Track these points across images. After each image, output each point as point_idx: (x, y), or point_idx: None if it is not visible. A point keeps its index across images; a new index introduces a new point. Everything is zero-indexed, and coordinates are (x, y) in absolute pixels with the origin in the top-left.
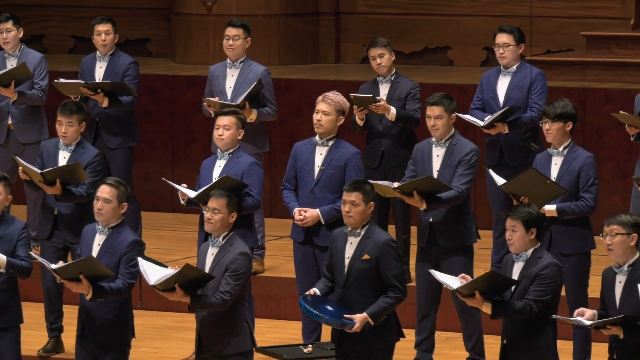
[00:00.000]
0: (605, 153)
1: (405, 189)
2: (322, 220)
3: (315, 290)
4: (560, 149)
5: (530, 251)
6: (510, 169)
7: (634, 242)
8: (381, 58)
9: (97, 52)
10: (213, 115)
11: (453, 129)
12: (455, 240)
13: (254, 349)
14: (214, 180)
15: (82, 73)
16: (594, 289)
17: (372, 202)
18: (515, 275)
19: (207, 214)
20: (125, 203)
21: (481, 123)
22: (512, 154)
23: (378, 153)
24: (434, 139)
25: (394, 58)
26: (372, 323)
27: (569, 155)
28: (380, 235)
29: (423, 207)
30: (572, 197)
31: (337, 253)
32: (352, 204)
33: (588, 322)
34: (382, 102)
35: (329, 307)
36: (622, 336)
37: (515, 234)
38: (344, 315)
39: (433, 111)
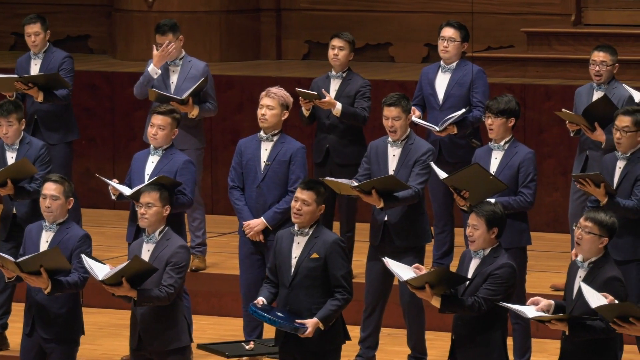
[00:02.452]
0: (546, 149)
1: (365, 187)
2: (269, 227)
3: (262, 300)
4: (501, 143)
5: (488, 250)
6: (449, 166)
7: (603, 244)
8: (340, 51)
9: (31, 51)
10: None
11: (409, 129)
12: (410, 239)
13: (195, 346)
14: (146, 175)
15: (17, 73)
16: (532, 284)
17: (323, 205)
18: (470, 272)
19: (140, 210)
20: (71, 198)
21: (437, 128)
22: (451, 151)
23: (323, 149)
24: (390, 139)
25: (351, 58)
26: (322, 328)
27: (509, 150)
28: (329, 235)
29: (380, 205)
30: (511, 192)
31: (282, 253)
32: (303, 203)
33: (532, 314)
34: (327, 99)
35: (279, 314)
36: (567, 332)
37: (477, 231)
38: (296, 320)
39: (391, 112)
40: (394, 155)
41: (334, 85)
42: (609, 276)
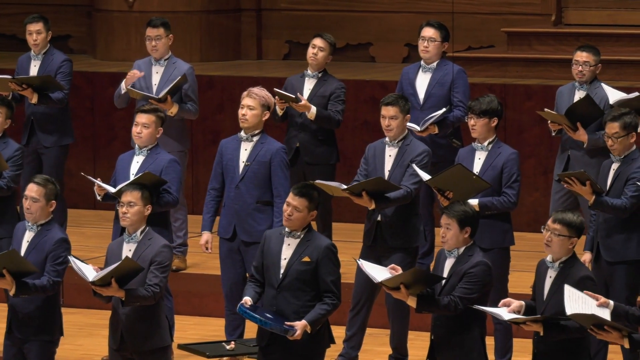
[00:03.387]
0: (527, 149)
1: (354, 190)
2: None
3: (248, 299)
4: (485, 144)
5: (462, 249)
6: (430, 165)
7: (572, 245)
8: (320, 51)
9: (32, 51)
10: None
11: (406, 130)
12: (403, 239)
13: (176, 346)
14: (131, 176)
15: (18, 72)
16: (514, 284)
17: (315, 211)
18: (445, 271)
19: (122, 209)
20: (53, 201)
21: (418, 128)
22: (432, 151)
23: (292, 147)
24: (387, 139)
25: (329, 60)
26: (309, 331)
27: (493, 150)
28: (321, 239)
29: (372, 206)
30: (494, 192)
31: (271, 254)
32: (295, 209)
33: (507, 317)
34: (302, 102)
35: (267, 315)
36: (542, 333)
37: (450, 231)
38: (285, 322)
39: (388, 111)
40: (390, 155)
41: (309, 84)
42: (582, 276)
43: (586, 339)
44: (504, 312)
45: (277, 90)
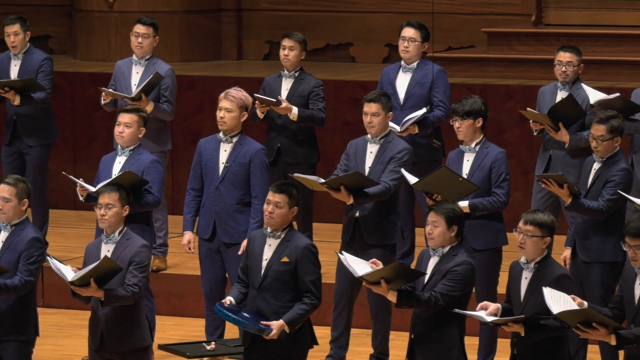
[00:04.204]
0: (507, 149)
1: (333, 184)
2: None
3: (230, 299)
4: (472, 145)
5: (447, 248)
6: (412, 165)
7: (546, 244)
8: (290, 51)
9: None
10: (103, 103)
11: (389, 128)
12: (381, 236)
13: (157, 346)
14: (113, 176)
15: None
16: (503, 284)
17: (295, 207)
18: (429, 270)
19: (100, 211)
20: (26, 200)
21: (398, 128)
22: (413, 151)
23: (274, 148)
24: (369, 136)
25: (303, 57)
26: (287, 331)
27: (480, 151)
28: (301, 239)
29: (350, 201)
30: (485, 192)
31: (254, 255)
32: (276, 205)
33: (489, 319)
34: (283, 105)
35: (245, 314)
36: (523, 334)
37: (437, 229)
38: (262, 322)
39: (370, 108)
40: (371, 152)
41: (286, 84)
42: (559, 274)
43: (565, 338)
44: (484, 314)
45: (257, 95)
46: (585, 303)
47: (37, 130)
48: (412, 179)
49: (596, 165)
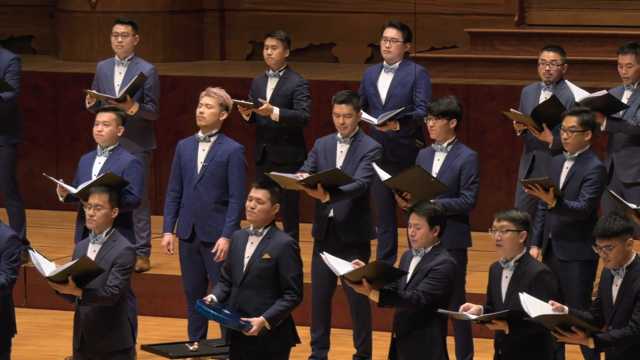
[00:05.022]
0: (490, 149)
1: (310, 181)
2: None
3: (212, 297)
4: (444, 145)
5: (429, 247)
6: (391, 165)
7: (523, 239)
8: (273, 50)
9: None
10: (88, 107)
11: (357, 127)
12: (355, 235)
13: (139, 346)
14: (93, 177)
15: None
16: (477, 284)
17: (277, 204)
18: (411, 269)
19: (89, 211)
20: None
21: (375, 121)
22: (393, 150)
23: (260, 148)
24: (338, 135)
25: (287, 55)
26: (268, 327)
27: (452, 152)
28: (282, 236)
29: (326, 199)
30: (453, 193)
31: (236, 253)
32: (257, 201)
33: (473, 317)
34: (264, 106)
35: (226, 311)
36: (507, 331)
37: (420, 230)
38: (242, 318)
39: (342, 109)
40: (341, 151)
41: (271, 84)
42: (540, 270)
43: (549, 334)
44: (467, 313)
45: (236, 100)
46: (566, 308)
47: (4, 129)
48: (384, 176)
49: (568, 164)
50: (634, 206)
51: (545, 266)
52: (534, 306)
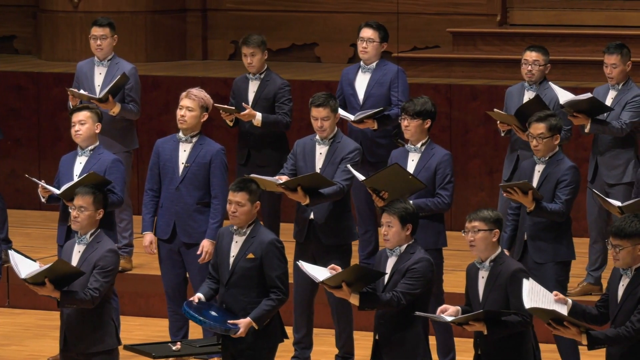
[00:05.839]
0: (472, 149)
1: (290, 185)
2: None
3: (199, 296)
4: (418, 145)
5: (404, 246)
6: (370, 165)
7: (496, 238)
8: (252, 57)
9: None
10: (72, 108)
11: (336, 128)
12: (336, 237)
13: (122, 347)
14: (75, 177)
15: None
16: (455, 284)
17: (258, 202)
18: (387, 270)
19: (73, 212)
20: None
21: (352, 117)
22: (371, 150)
23: (244, 151)
24: (317, 137)
25: (266, 57)
26: (256, 327)
27: (426, 152)
28: (266, 234)
29: (306, 202)
30: (429, 193)
31: (222, 252)
32: (238, 204)
33: (449, 319)
34: (246, 111)
35: (212, 313)
36: (485, 332)
37: (391, 229)
38: (228, 321)
39: (320, 112)
40: (320, 153)
41: (253, 86)
42: (515, 269)
43: (528, 333)
44: (444, 315)
45: (218, 105)
46: (570, 300)
47: None
48: (360, 176)
49: (539, 167)
50: (617, 204)
51: (520, 265)
52: (537, 294)
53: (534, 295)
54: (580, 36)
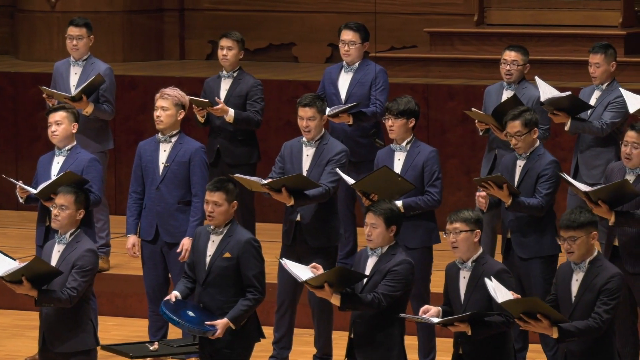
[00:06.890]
0: (449, 149)
1: (274, 185)
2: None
3: (176, 294)
4: (403, 144)
5: (385, 247)
6: (351, 165)
7: (477, 238)
8: (229, 51)
9: None
10: (50, 108)
11: (323, 129)
12: (322, 239)
13: (99, 347)
14: (52, 177)
15: None
16: (435, 283)
17: (235, 202)
18: (367, 270)
19: (54, 211)
20: None
21: (327, 111)
22: (353, 150)
23: (214, 149)
24: (304, 139)
25: (242, 56)
26: (233, 327)
27: (411, 150)
28: (242, 234)
29: (290, 202)
30: (417, 191)
31: (198, 251)
32: (215, 204)
33: (436, 320)
34: (219, 106)
35: (190, 313)
36: (470, 333)
37: (376, 230)
38: (206, 322)
39: (306, 113)
40: (307, 155)
41: (225, 85)
42: (498, 269)
43: (509, 334)
44: (428, 317)
45: (192, 97)
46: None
47: None
48: (350, 180)
49: (520, 162)
50: (584, 188)
51: (503, 265)
52: (500, 291)
53: (498, 292)
54: (557, 36)
